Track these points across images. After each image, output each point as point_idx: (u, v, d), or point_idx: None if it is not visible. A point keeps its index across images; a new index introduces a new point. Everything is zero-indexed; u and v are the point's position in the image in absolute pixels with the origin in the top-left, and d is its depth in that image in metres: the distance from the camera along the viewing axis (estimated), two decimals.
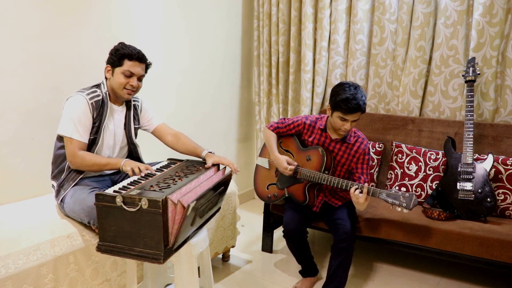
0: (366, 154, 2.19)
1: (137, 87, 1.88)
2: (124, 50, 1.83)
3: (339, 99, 2.01)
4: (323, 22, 3.02)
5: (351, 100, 1.98)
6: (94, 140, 1.85)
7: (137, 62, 1.84)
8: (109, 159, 1.82)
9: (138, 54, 1.84)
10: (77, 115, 1.77)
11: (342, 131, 2.11)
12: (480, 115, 2.63)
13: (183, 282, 1.70)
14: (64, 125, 1.78)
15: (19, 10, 1.99)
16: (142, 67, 1.88)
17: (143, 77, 1.91)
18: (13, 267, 1.50)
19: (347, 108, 1.99)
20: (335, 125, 2.11)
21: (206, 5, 3.02)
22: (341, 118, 2.05)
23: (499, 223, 2.22)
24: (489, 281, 2.43)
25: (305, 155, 2.23)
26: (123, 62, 1.83)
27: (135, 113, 2.04)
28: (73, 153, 1.77)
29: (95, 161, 1.78)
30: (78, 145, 1.78)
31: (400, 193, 1.94)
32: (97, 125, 1.84)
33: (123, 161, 1.77)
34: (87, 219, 1.72)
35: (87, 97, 1.80)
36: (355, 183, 2.03)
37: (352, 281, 2.39)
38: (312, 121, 2.26)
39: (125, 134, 1.99)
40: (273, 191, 2.35)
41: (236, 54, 3.40)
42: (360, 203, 1.98)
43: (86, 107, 1.79)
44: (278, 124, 2.32)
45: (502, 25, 2.46)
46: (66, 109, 1.80)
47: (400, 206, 1.93)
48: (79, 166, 1.80)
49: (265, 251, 2.75)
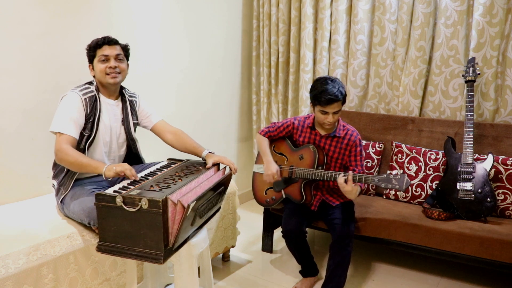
0: (358, 146, 2.22)
1: (120, 68, 1.88)
2: (92, 42, 1.88)
3: (316, 93, 2.09)
4: (324, 22, 3.02)
5: (327, 92, 2.04)
6: (89, 137, 1.84)
7: (106, 46, 1.86)
8: (92, 160, 1.74)
9: (104, 39, 1.86)
10: (69, 111, 1.77)
11: (326, 125, 2.16)
12: (480, 115, 2.63)
13: (183, 282, 1.70)
14: (56, 121, 1.77)
15: (19, 10, 1.99)
16: (115, 47, 1.88)
17: (123, 57, 1.91)
18: (13, 267, 1.50)
19: (324, 100, 2.05)
20: (318, 119, 2.17)
21: (206, 5, 3.02)
22: (321, 111, 2.11)
23: (499, 223, 2.22)
24: (489, 281, 2.43)
25: (297, 154, 2.26)
26: (96, 53, 1.87)
27: (132, 108, 2.03)
28: (59, 146, 1.73)
29: (77, 158, 1.70)
30: (65, 139, 1.74)
31: (392, 176, 1.95)
32: (91, 121, 1.84)
33: (105, 166, 1.68)
34: (87, 220, 1.72)
35: (80, 93, 1.82)
36: (342, 172, 2.06)
37: (352, 281, 2.39)
38: (300, 120, 2.31)
39: (124, 129, 1.98)
40: (271, 195, 2.37)
41: (236, 54, 3.40)
42: (348, 191, 2.02)
43: (79, 103, 1.80)
44: (269, 129, 2.38)
45: (502, 25, 2.46)
46: (60, 106, 1.80)
47: (393, 189, 1.96)
48: (61, 160, 1.73)
49: (265, 251, 2.75)
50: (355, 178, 2.01)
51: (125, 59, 1.94)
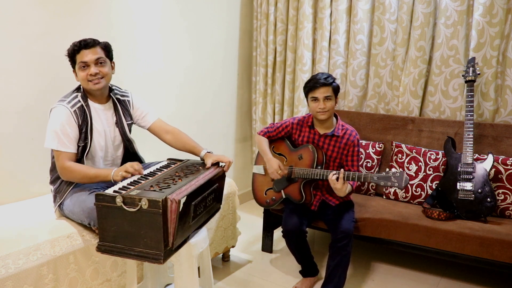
0: (356, 146, 2.23)
1: (102, 73, 1.78)
2: (69, 48, 1.79)
3: (307, 82, 2.21)
4: (324, 22, 3.02)
5: (316, 78, 2.17)
6: (85, 146, 1.81)
7: (84, 50, 1.75)
8: (99, 170, 1.76)
9: (80, 43, 1.76)
10: (60, 127, 1.72)
11: (320, 114, 2.18)
12: (480, 115, 2.63)
13: (183, 282, 1.70)
14: (50, 138, 1.74)
15: (19, 10, 1.99)
16: (93, 51, 1.76)
17: (104, 60, 1.80)
18: (13, 267, 1.50)
19: (312, 84, 2.15)
20: (312, 110, 2.21)
21: (206, 5, 3.02)
22: (312, 98, 2.17)
23: (499, 223, 2.22)
24: (489, 281, 2.43)
25: (296, 154, 2.27)
26: (76, 59, 1.78)
27: (125, 108, 1.98)
28: (61, 165, 1.73)
29: (84, 172, 1.73)
30: (66, 156, 1.73)
31: (391, 174, 1.96)
32: (84, 131, 1.79)
33: (112, 172, 1.70)
34: (87, 221, 1.72)
35: (68, 106, 1.75)
36: (334, 170, 2.09)
37: (352, 281, 2.39)
38: (299, 120, 2.33)
39: (119, 131, 1.94)
40: (271, 195, 2.37)
41: (236, 54, 3.40)
42: (337, 189, 2.05)
43: (69, 118, 1.74)
44: (268, 129, 2.39)
45: (502, 25, 2.46)
46: (50, 121, 1.75)
47: (393, 186, 1.97)
48: (69, 178, 1.77)
49: (265, 251, 2.75)
50: (354, 176, 2.03)
51: (107, 61, 1.82)
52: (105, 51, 1.82)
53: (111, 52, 1.87)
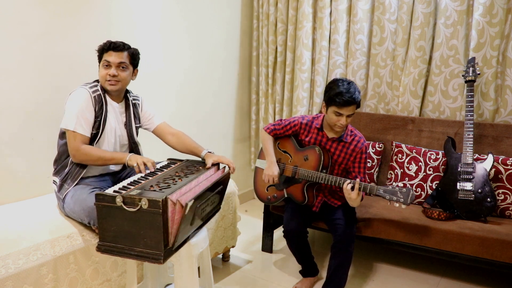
0: (363, 153, 2.19)
1: (120, 77, 1.85)
2: (101, 45, 1.86)
3: (333, 93, 2.03)
4: (324, 22, 3.02)
5: (345, 93, 2.00)
6: (96, 135, 1.84)
7: (112, 51, 1.83)
8: (114, 153, 1.84)
9: (111, 44, 1.83)
10: (80, 109, 1.78)
11: (338, 127, 2.11)
12: (480, 115, 2.63)
13: (183, 282, 1.70)
14: (68, 119, 1.78)
15: (19, 10, 1.99)
16: (119, 55, 1.84)
17: (127, 65, 1.87)
18: (13, 267, 1.50)
19: (341, 101, 2.00)
20: (330, 121, 2.11)
21: (206, 5, 3.02)
22: (336, 113, 2.05)
23: (499, 223, 2.22)
24: (489, 281, 2.43)
25: (302, 155, 2.24)
26: (102, 56, 1.86)
27: (136, 111, 2.03)
28: (76, 147, 1.77)
29: (100, 155, 1.79)
30: (81, 139, 1.78)
31: (398, 189, 1.95)
32: (99, 120, 1.84)
33: (128, 155, 1.79)
34: (88, 220, 1.72)
35: (90, 91, 1.82)
36: (348, 179, 2.04)
37: (352, 281, 2.39)
38: (308, 120, 2.26)
39: (127, 133, 1.99)
40: (272, 192, 2.35)
41: (236, 54, 3.40)
42: (352, 199, 2.00)
43: (89, 101, 1.80)
44: (275, 126, 2.32)
45: (502, 25, 2.46)
46: (69, 103, 1.80)
47: (398, 201, 1.94)
48: (83, 160, 1.80)
49: (265, 251, 2.75)
50: (360, 186, 1.99)
51: (129, 67, 1.89)
52: (131, 57, 1.89)
53: (137, 60, 1.94)
